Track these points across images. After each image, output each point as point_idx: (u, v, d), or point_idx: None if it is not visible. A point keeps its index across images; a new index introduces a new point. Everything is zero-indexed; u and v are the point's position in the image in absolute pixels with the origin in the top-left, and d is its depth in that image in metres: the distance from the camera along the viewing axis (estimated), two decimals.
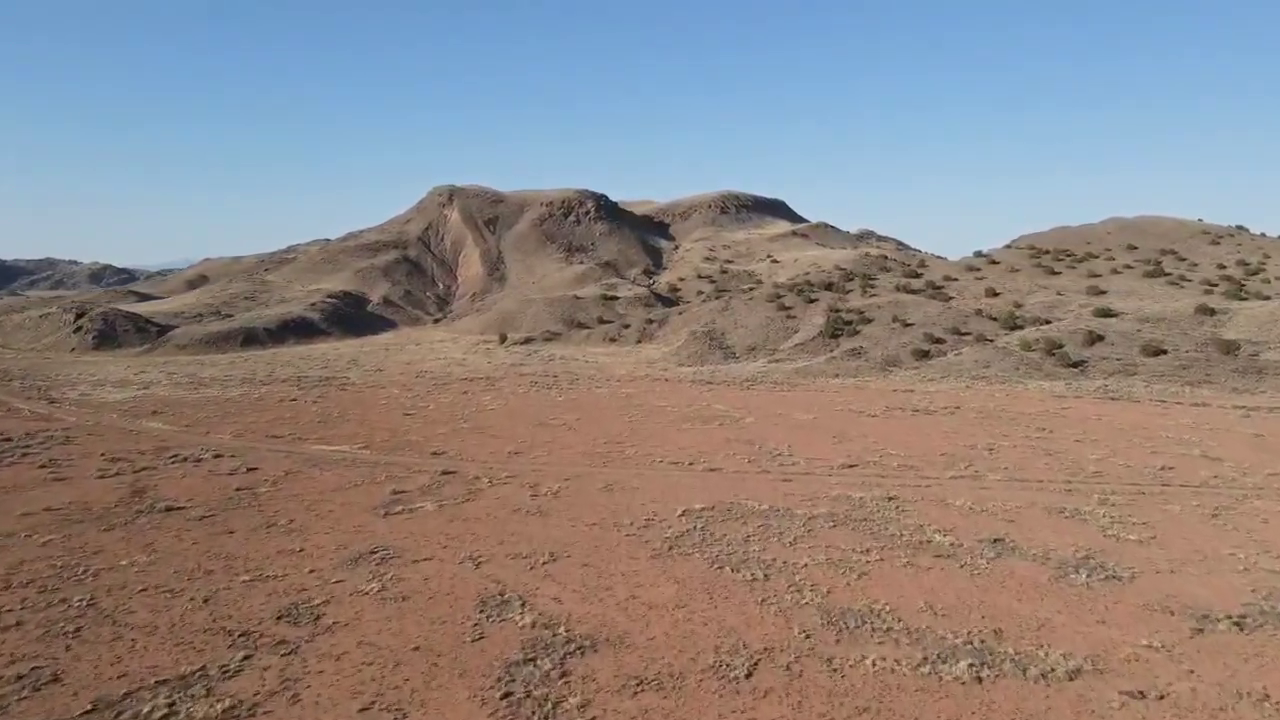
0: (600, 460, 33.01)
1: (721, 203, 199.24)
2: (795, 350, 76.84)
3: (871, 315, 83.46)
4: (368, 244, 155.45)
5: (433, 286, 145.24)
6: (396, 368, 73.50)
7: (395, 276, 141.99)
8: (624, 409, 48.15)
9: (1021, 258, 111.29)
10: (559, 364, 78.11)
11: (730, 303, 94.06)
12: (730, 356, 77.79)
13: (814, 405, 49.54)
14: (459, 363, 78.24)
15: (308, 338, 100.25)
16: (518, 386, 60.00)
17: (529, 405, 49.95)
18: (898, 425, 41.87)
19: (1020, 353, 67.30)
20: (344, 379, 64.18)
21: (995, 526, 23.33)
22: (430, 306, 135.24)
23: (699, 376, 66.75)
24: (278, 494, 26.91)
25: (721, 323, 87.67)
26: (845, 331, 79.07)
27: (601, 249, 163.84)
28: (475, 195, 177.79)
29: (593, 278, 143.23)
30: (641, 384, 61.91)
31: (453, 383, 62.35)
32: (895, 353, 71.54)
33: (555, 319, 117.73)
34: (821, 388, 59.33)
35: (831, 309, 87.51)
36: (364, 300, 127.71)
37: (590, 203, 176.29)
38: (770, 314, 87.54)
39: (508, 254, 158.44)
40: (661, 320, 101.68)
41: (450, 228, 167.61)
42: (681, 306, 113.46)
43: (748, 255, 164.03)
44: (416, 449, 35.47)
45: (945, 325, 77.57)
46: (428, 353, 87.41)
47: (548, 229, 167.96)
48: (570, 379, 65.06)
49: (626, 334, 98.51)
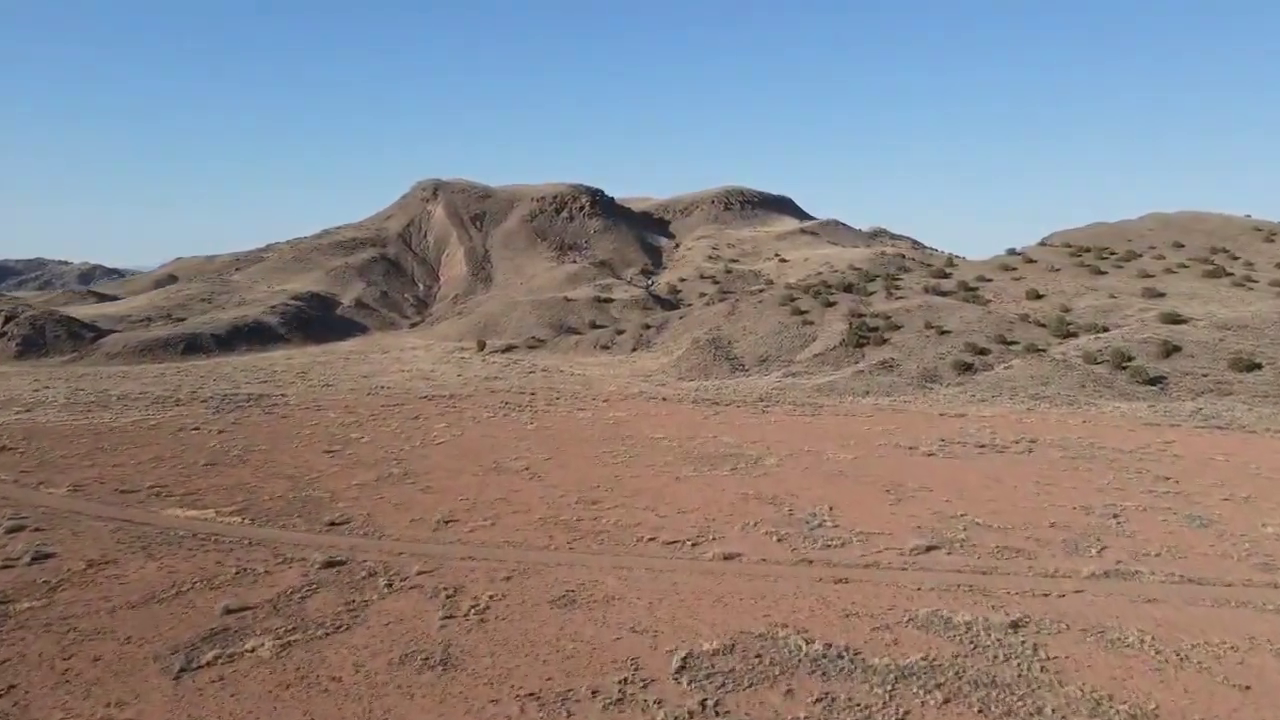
0: (565, 536, 23.41)
1: (725, 199, 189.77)
2: (814, 362, 67.21)
3: (900, 321, 73.84)
4: (343, 241, 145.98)
5: (412, 287, 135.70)
6: (349, 382, 63.88)
7: (371, 276, 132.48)
8: (609, 442, 38.51)
9: (1060, 256, 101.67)
10: (540, 377, 68.51)
11: (737, 306, 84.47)
12: (738, 369, 68.16)
13: (849, 437, 39.85)
14: (425, 375, 68.64)
15: (262, 345, 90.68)
16: (484, 409, 50.36)
17: (490, 436, 40.29)
18: (967, 470, 32.19)
19: (1084, 367, 57.64)
20: (279, 398, 54.53)
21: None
22: (408, 309, 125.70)
23: (703, 395, 57.10)
24: (34, 619, 17.24)
25: (728, 329, 78.05)
26: (871, 340, 69.44)
27: (596, 247, 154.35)
28: (461, 190, 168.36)
29: (586, 278, 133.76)
30: (634, 405, 52.26)
31: (408, 403, 52.71)
32: (933, 365, 61.90)
33: (542, 323, 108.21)
34: (852, 410, 49.65)
35: (853, 314, 77.90)
36: (333, 302, 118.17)
37: (585, 198, 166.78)
38: (783, 319, 77.95)
39: (495, 252, 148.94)
40: (660, 325, 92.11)
41: (434, 224, 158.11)
42: (682, 310, 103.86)
43: (754, 254, 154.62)
44: (311, 514, 25.85)
45: (987, 333, 67.94)
46: (393, 363, 77.81)
47: (538, 226, 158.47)
48: (549, 398, 55.43)
49: (620, 341, 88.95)
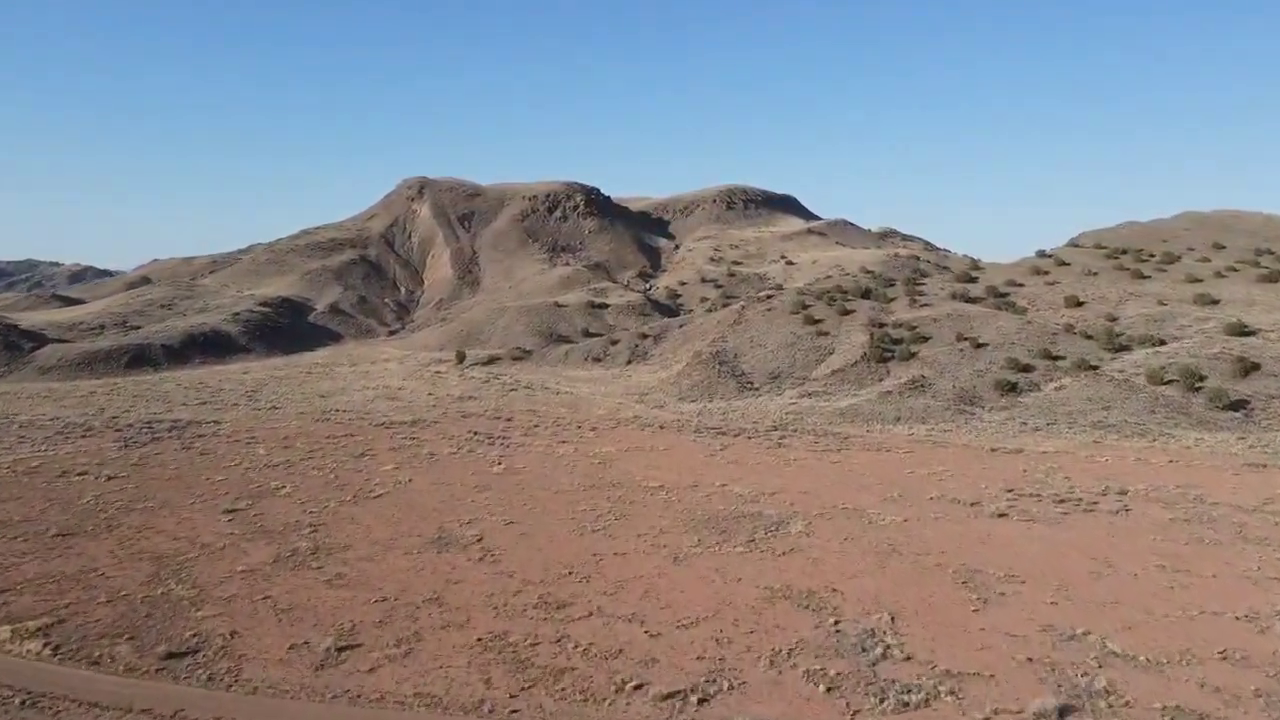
0: (509, 680, 15.91)
1: (727, 198, 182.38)
2: (833, 380, 59.74)
3: (928, 331, 66.37)
4: (322, 243, 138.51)
5: (393, 291, 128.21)
6: (302, 403, 56.37)
7: (350, 280, 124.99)
8: (591, 493, 31.00)
9: (1095, 258, 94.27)
10: (521, 396, 61.03)
11: (744, 315, 76.96)
12: (747, 388, 60.66)
13: (891, 485, 32.33)
14: (391, 394, 61.15)
15: (220, 356, 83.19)
16: (448, 440, 42.86)
17: (444, 484, 32.78)
18: (1058, 544, 24.68)
19: (1150, 388, 50.14)
20: (210, 426, 46.98)
21: None
22: (387, 315, 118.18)
23: (707, 421, 49.60)
24: None
25: (734, 341, 70.55)
26: (897, 354, 61.99)
27: (591, 248, 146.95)
28: (449, 188, 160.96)
29: (579, 281, 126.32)
30: (626, 434, 44.74)
31: (361, 432, 45.20)
32: (971, 385, 54.43)
33: (531, 331, 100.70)
34: (885, 442, 42.13)
35: (874, 323, 70.44)
36: (306, 308, 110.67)
37: (579, 196, 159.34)
38: (796, 330, 70.44)
39: (483, 254, 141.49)
40: (658, 335, 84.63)
41: (419, 224, 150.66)
42: (683, 317, 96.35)
43: (758, 256, 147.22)
44: (152, 633, 18.39)
45: (1029, 346, 60.49)
46: (359, 378, 70.31)
47: (530, 226, 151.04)
48: (528, 424, 47.92)
49: (614, 352, 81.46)
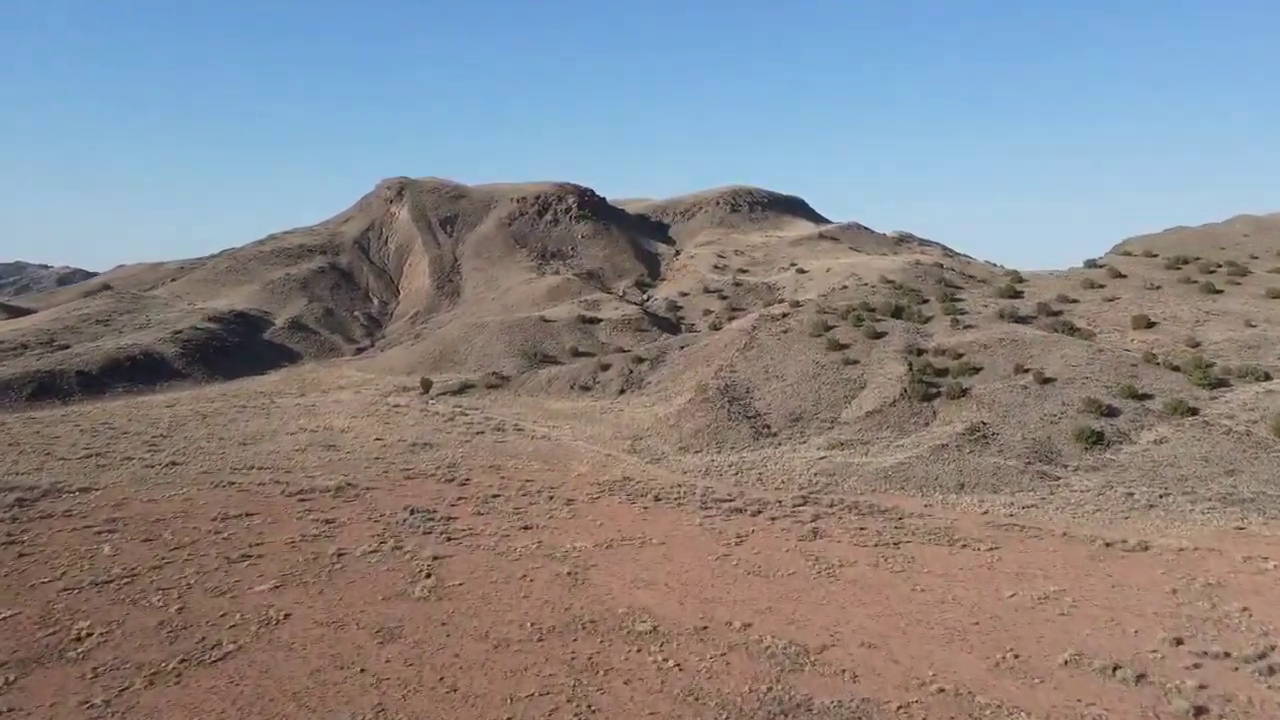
0: None
1: (731, 199, 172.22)
2: (869, 424, 49.42)
3: (977, 361, 56.12)
4: (289, 249, 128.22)
5: (364, 304, 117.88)
6: (213, 457, 46.03)
7: (316, 291, 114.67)
8: (547, 650, 20.62)
9: (1152, 268, 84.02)
10: (488, 441, 50.76)
11: (755, 337, 66.60)
12: (763, 433, 50.32)
13: (993, 631, 21.92)
14: (330, 441, 50.85)
15: (148, 383, 72.90)
16: (372, 524, 32.57)
17: (335, 621, 22.44)
18: None
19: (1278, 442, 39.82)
20: (75, 494, 36.59)
21: None
22: (356, 330, 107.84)
23: (716, 486, 39.28)
24: None
25: (745, 370, 60.23)
26: (943, 390, 51.72)
27: (584, 255, 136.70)
28: (431, 189, 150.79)
29: (570, 292, 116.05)
30: (612, 511, 34.41)
31: (263, 508, 34.86)
32: (1044, 434, 44.13)
33: (513, 351, 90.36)
34: (955, 528, 31.78)
35: (911, 349, 60.15)
36: (263, 323, 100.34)
37: (572, 198, 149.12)
38: (818, 357, 60.11)
39: (466, 262, 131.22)
40: (656, 358, 74.33)
41: (397, 229, 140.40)
42: (684, 336, 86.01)
43: (766, 263, 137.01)
44: None
45: (1105, 381, 50.20)
46: (301, 415, 59.99)
47: (518, 230, 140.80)
48: (485, 492, 37.62)
49: (605, 380, 71.16)
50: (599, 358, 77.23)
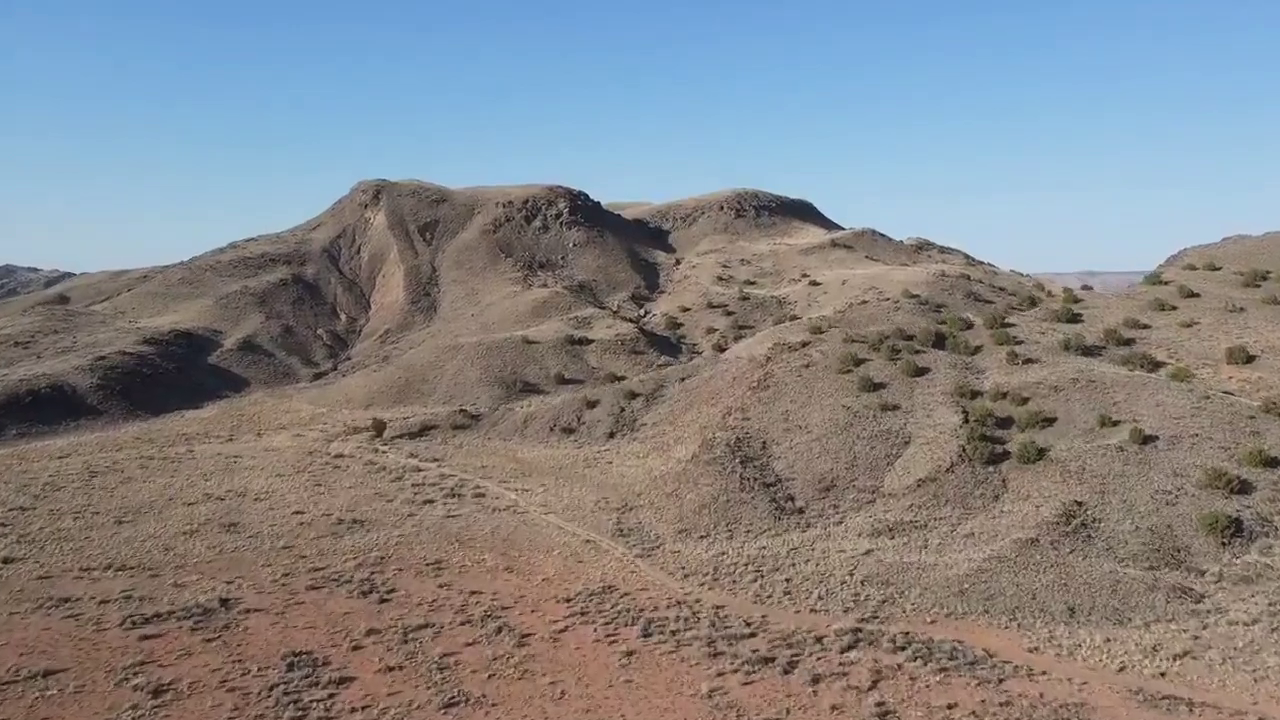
0: None
1: (736, 203, 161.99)
2: (922, 497, 39.07)
3: (1049, 408, 45.81)
4: (251, 258, 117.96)
5: (330, 320, 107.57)
6: (64, 548, 35.80)
7: (276, 306, 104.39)
8: None
9: (1226, 285, 73.77)
10: (436, 517, 40.50)
11: (771, 371, 56.26)
12: (786, 508, 39.97)
13: None
14: (232, 516, 40.54)
15: (52, 424, 62.69)
16: (225, 692, 22.33)
17: None
18: None
19: None
20: None
21: None
22: (316, 352, 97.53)
23: (731, 602, 28.91)
24: None
25: (760, 416, 49.89)
26: (1012, 449, 41.42)
27: (575, 265, 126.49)
28: (411, 193, 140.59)
29: (559, 307, 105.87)
30: (580, 658, 24.16)
31: (73, 664, 24.70)
32: (1163, 522, 33.83)
33: (488, 379, 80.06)
34: (1094, 706, 21.39)
35: (962, 391, 49.85)
36: (209, 344, 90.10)
37: (562, 202, 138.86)
38: (848, 399, 49.79)
39: (445, 273, 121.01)
40: (653, 392, 64.02)
41: (371, 236, 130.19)
42: (684, 365, 75.66)
43: (775, 274, 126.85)
44: None
45: (1225, 441, 39.89)
46: (215, 472, 49.67)
47: (503, 238, 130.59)
48: (419, 610, 27.26)
49: (592, 420, 60.87)
50: (585, 392, 66.86)
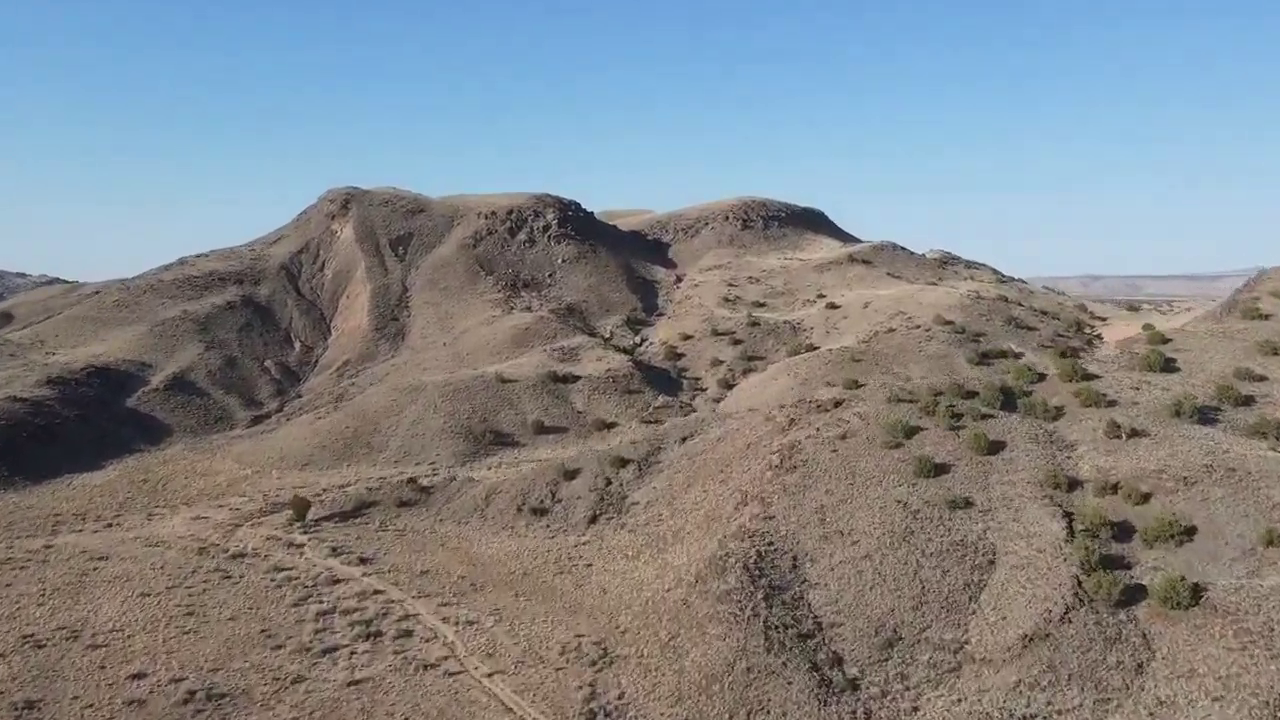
0: None
1: (743, 213, 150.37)
2: (1028, 661, 27.45)
3: (1184, 512, 34.20)
4: (197, 277, 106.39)
5: (282, 349, 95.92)
6: None
7: (219, 333, 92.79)
8: None
9: None
10: (338, 677, 29.22)
11: (798, 443, 44.59)
12: (830, 679, 28.26)
13: None
14: (52, 666, 29.11)
15: None
16: None
17: None
18: None
19: None
20: None
21: None
22: (261, 389, 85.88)
23: None
24: None
25: (787, 514, 38.16)
26: (1152, 585, 29.70)
27: (564, 284, 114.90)
28: (384, 202, 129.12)
29: (542, 335, 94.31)
30: None
31: None
32: None
33: (453, 428, 68.34)
34: None
35: (1056, 480, 38.07)
36: (133, 382, 78.55)
37: (551, 213, 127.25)
38: (902, 489, 38.13)
39: (417, 293, 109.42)
40: (646, 458, 52.35)
41: (337, 251, 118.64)
42: (686, 420, 64.00)
43: (787, 293, 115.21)
44: None
45: None
46: (62, 583, 38.15)
47: (484, 253, 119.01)
48: None
49: (569, 497, 49.21)
50: (563, 457, 55.10)
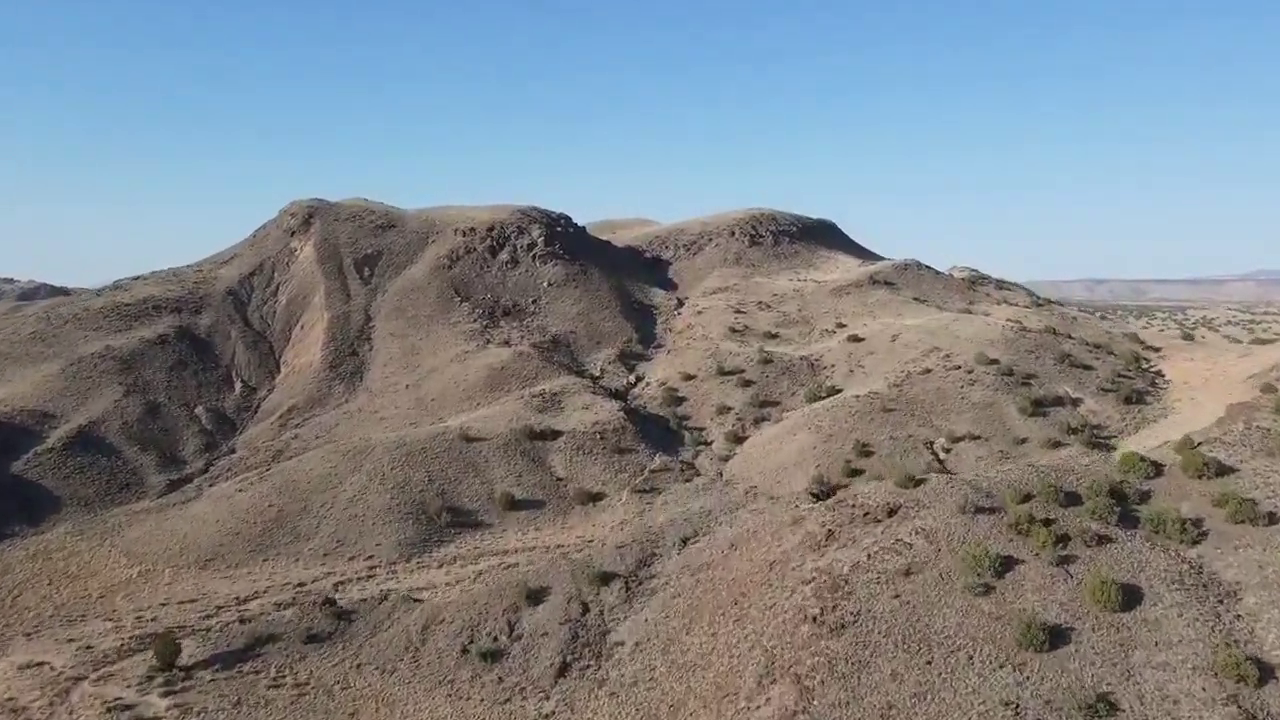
0: None
1: (751, 227, 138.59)
2: None
3: None
4: (128, 305, 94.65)
5: (219, 391, 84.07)
6: None
7: (145, 374, 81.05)
8: None
9: None
10: None
11: (846, 581, 32.88)
12: None
13: None
14: None
15: None
16: None
17: None
18: None
19: None
20: None
21: None
22: (187, 444, 74.04)
23: None
24: None
25: (838, 710, 26.18)
26: None
27: (550, 311, 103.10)
28: (351, 217, 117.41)
29: (521, 375, 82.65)
30: None
31: None
32: None
33: (401, 508, 56.62)
34: None
35: (1238, 667, 26.11)
36: (26, 438, 66.97)
37: (536, 229, 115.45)
38: (1006, 678, 26.47)
39: (382, 323, 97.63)
40: (634, 572, 40.52)
41: (295, 273, 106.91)
42: (691, 517, 52.04)
43: (801, 322, 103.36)
44: None
45: None
46: None
47: (461, 275, 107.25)
48: None
49: (534, 630, 37.51)
50: (525, 579, 43.00)
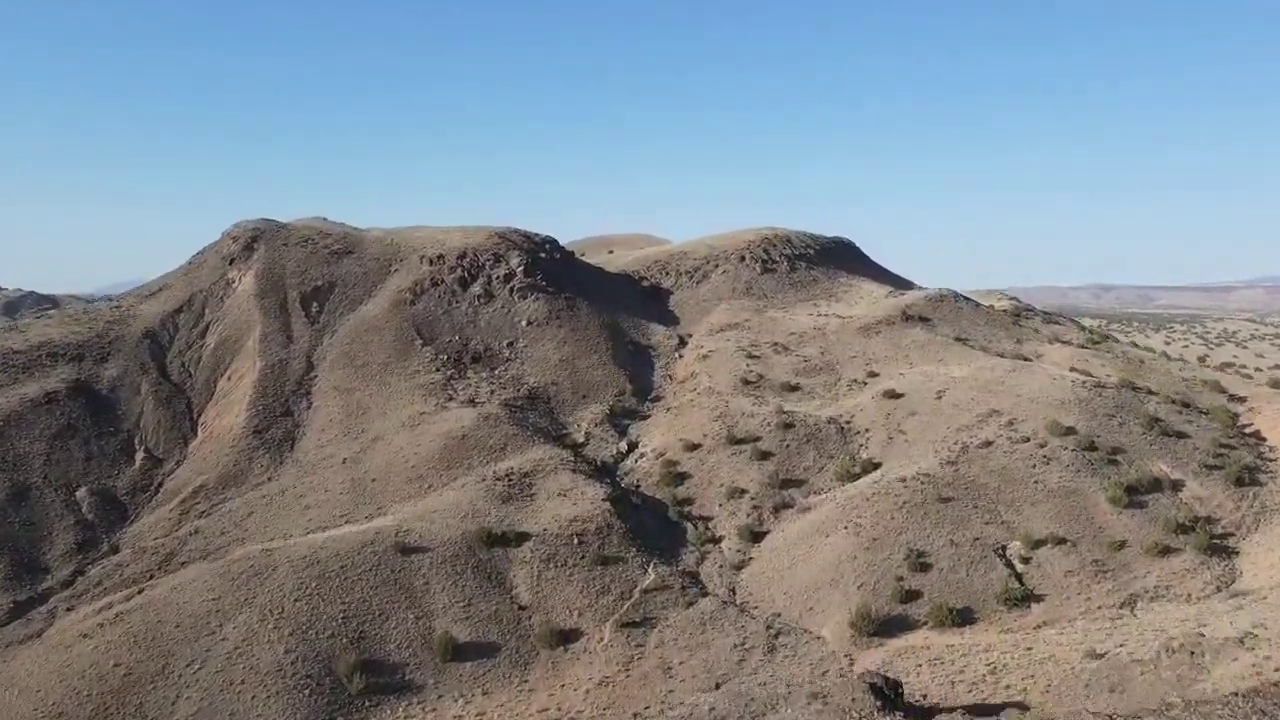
0: None
1: (763, 250, 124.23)
2: None
3: None
4: (16, 353, 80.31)
5: (115, 466, 69.70)
6: None
7: (20, 444, 66.87)
8: None
9: None
10: None
11: None
12: None
13: None
14: None
15: None
16: None
17: None
18: None
19: None
20: None
21: None
22: (55, 543, 59.70)
23: None
24: None
25: None
26: None
27: (528, 356, 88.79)
28: (302, 241, 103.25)
29: (487, 446, 68.32)
30: None
31: None
32: None
33: (301, 666, 42.35)
34: None
35: None
36: None
37: (516, 257, 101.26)
38: None
39: (326, 373, 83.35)
40: None
41: (229, 309, 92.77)
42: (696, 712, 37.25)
43: (826, 369, 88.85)
44: None
45: None
46: None
47: (424, 313, 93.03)
48: None
49: None
50: None
